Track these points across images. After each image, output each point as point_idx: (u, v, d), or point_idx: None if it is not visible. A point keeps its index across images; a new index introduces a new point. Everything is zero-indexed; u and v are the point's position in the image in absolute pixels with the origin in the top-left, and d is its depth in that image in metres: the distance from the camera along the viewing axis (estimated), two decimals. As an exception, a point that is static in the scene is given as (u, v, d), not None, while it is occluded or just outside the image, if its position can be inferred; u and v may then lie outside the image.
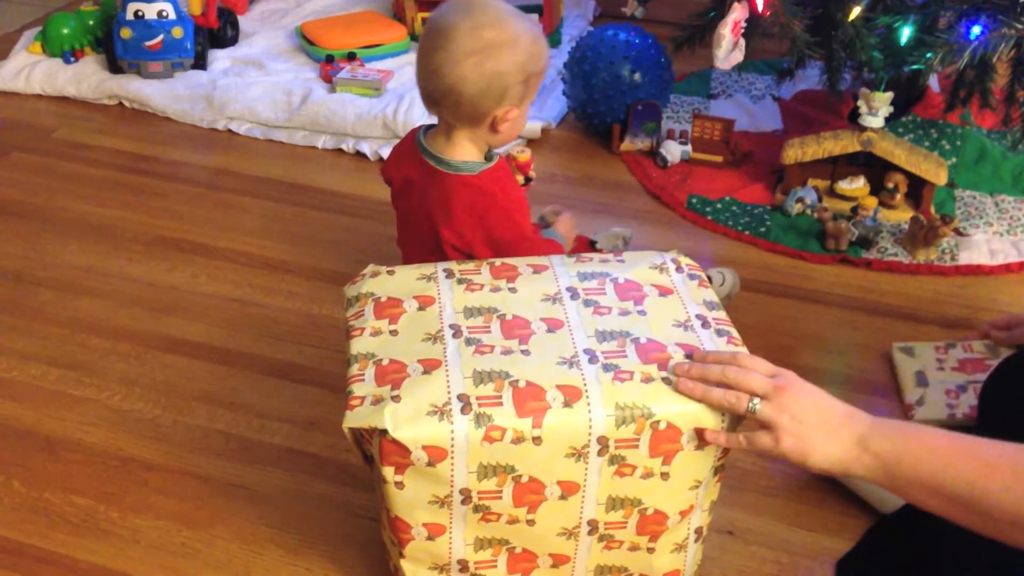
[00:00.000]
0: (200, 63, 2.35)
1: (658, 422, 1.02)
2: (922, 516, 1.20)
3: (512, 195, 1.44)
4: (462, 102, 1.35)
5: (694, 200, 1.98)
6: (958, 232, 1.88)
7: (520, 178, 1.68)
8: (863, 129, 1.88)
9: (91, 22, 2.43)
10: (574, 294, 1.15)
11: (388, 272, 1.20)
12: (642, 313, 1.13)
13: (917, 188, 1.91)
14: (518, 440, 1.00)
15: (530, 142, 2.16)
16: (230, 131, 2.23)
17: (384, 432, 0.99)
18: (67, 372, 1.56)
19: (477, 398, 1.01)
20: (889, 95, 1.85)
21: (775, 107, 2.31)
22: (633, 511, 1.08)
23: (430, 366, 1.04)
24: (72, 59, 2.38)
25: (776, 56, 2.33)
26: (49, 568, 1.25)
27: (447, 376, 1.03)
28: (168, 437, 1.45)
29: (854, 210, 1.87)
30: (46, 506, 1.33)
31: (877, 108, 1.86)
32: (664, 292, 1.17)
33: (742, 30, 1.75)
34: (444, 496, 1.04)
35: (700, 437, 1.04)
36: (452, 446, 1.00)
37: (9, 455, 1.41)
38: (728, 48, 1.74)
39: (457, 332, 1.09)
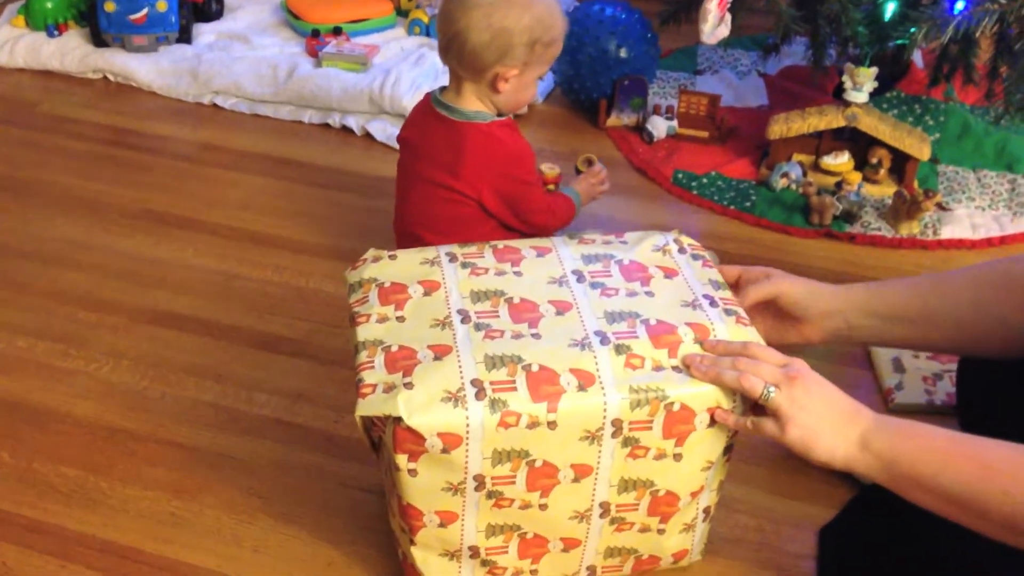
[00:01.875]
0: (185, 37, 2.34)
1: (672, 404, 1.03)
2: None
3: (519, 144, 1.53)
4: (465, 51, 1.45)
5: (680, 175, 1.99)
6: (940, 207, 1.90)
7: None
8: (848, 104, 1.89)
9: (73, -4, 2.42)
10: (580, 276, 1.15)
11: (390, 257, 1.19)
12: (649, 294, 1.13)
13: (901, 163, 1.92)
14: (533, 425, 1.01)
15: (517, 116, 2.16)
16: (215, 105, 2.23)
17: (398, 420, 0.98)
18: (55, 344, 1.56)
19: (491, 383, 1.01)
20: (873, 70, 1.86)
21: (761, 83, 2.32)
22: (645, 493, 1.09)
23: (441, 352, 1.04)
24: (55, 33, 2.36)
25: (762, 32, 2.33)
26: (39, 537, 1.26)
27: (459, 362, 1.03)
28: (156, 408, 1.45)
29: (838, 185, 1.89)
30: (35, 476, 1.34)
31: (862, 83, 1.87)
32: (669, 274, 1.17)
33: (728, 5, 1.76)
34: (458, 483, 1.04)
35: (711, 417, 1.05)
36: (467, 432, 1.00)
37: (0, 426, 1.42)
38: (714, 23, 1.75)
39: (465, 317, 1.09)
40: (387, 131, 2.09)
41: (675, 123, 2.09)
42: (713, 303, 1.13)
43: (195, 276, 1.71)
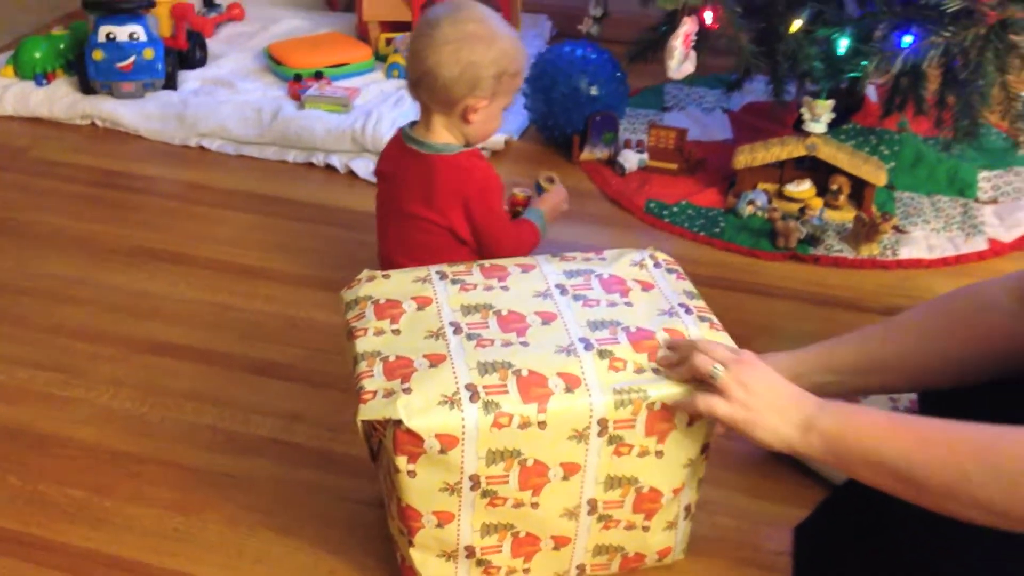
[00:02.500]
0: (171, 83, 2.42)
1: (653, 403, 1.11)
2: (871, 489, 1.31)
3: (487, 174, 1.61)
4: (437, 86, 1.54)
5: (652, 204, 2.08)
6: (898, 229, 2.00)
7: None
8: (807, 135, 2.00)
9: (62, 46, 2.49)
10: (563, 290, 1.23)
11: (384, 276, 1.26)
12: (628, 304, 1.22)
13: (859, 189, 2.03)
14: (524, 425, 1.08)
15: (494, 154, 2.26)
16: (202, 148, 2.30)
17: (398, 423, 1.05)
18: (54, 375, 1.61)
19: (484, 387, 1.08)
20: (830, 103, 1.97)
21: (725, 118, 2.43)
22: (630, 489, 1.17)
23: (436, 360, 1.11)
24: (44, 81, 2.43)
25: (724, 71, 2.45)
26: (47, 554, 1.30)
27: (453, 368, 1.10)
28: (156, 432, 1.51)
29: (802, 211, 1.99)
30: (42, 498, 1.39)
31: (819, 115, 1.98)
32: (646, 287, 1.26)
33: (692, 42, 1.87)
34: (454, 483, 1.10)
35: (689, 416, 1.13)
36: (463, 433, 1.07)
37: (4, 452, 1.46)
38: (680, 59, 1.86)
39: (457, 329, 1.16)
40: (369, 168, 2.17)
41: (646, 156, 2.19)
42: (688, 311, 1.21)
43: (189, 308, 1.78)
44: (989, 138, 2.26)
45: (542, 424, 1.09)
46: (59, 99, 2.40)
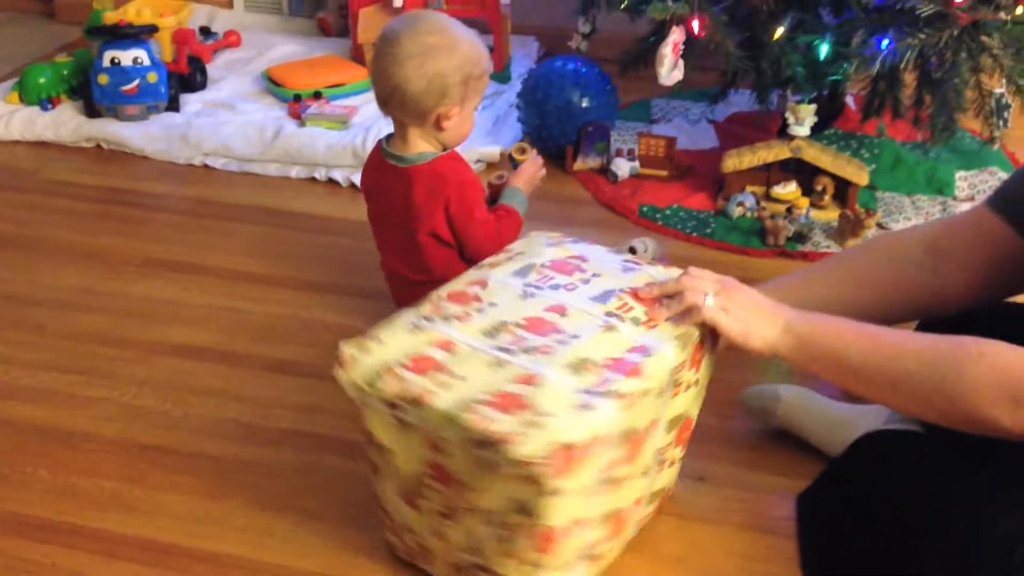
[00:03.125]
0: (173, 106, 2.49)
1: (699, 337, 1.22)
2: (867, 458, 1.39)
3: (463, 176, 1.65)
4: (407, 100, 1.58)
5: (645, 208, 2.16)
6: (880, 226, 2.09)
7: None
8: (792, 138, 2.09)
9: (66, 72, 2.56)
10: (536, 286, 1.27)
11: (375, 343, 1.19)
12: (596, 275, 1.30)
13: (843, 189, 2.12)
14: (642, 395, 1.13)
15: (489, 165, 2.34)
16: (206, 166, 2.37)
17: (561, 445, 1.05)
18: (77, 377, 1.67)
19: (589, 384, 1.11)
20: (813, 107, 2.07)
21: (710, 129, 2.52)
22: (678, 424, 1.26)
23: (529, 379, 1.11)
24: (49, 107, 2.50)
25: (708, 86, 2.54)
26: (83, 539, 1.36)
27: (549, 381, 1.11)
28: (181, 427, 1.56)
29: (788, 211, 2.08)
30: (73, 489, 1.44)
31: (803, 119, 2.07)
32: (583, 258, 1.34)
33: (681, 51, 1.96)
34: (594, 482, 1.12)
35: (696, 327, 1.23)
36: (601, 431, 1.09)
37: (32, 449, 1.51)
38: (670, 66, 1.95)
39: (507, 350, 1.16)
40: (371, 182, 2.25)
41: (637, 164, 2.28)
42: (636, 263, 1.34)
43: (205, 313, 1.84)
44: (964, 141, 2.37)
45: (647, 392, 1.15)
46: (64, 123, 2.46)
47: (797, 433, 1.52)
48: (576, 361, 1.14)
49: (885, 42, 1.87)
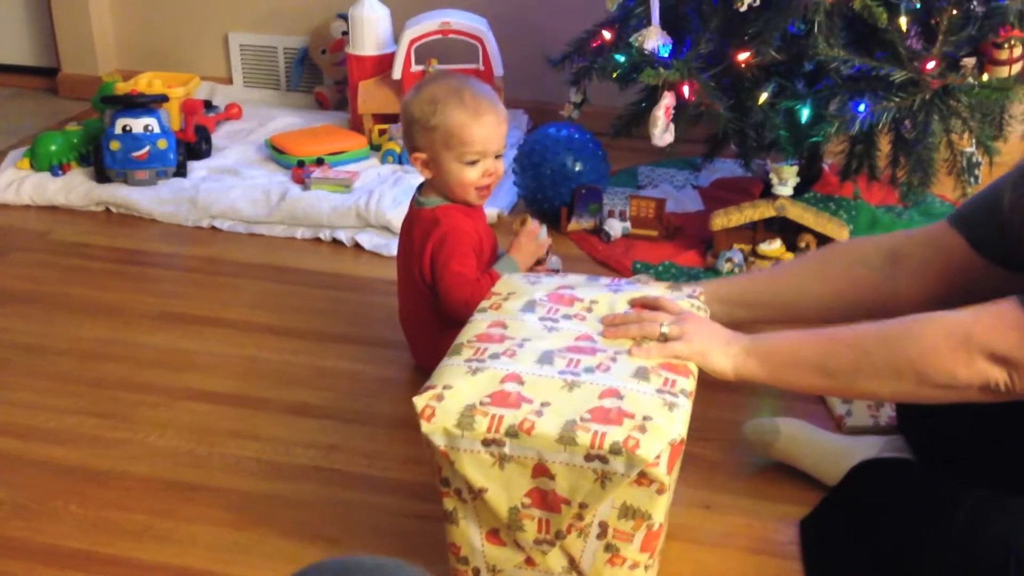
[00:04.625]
0: (181, 172, 2.58)
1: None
2: (864, 484, 1.48)
3: (451, 227, 1.73)
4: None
5: (638, 265, 2.27)
6: (862, 280, 2.21)
7: None
8: (776, 198, 2.22)
9: (76, 140, 2.65)
10: (551, 319, 1.36)
11: (447, 390, 1.22)
12: (594, 302, 1.40)
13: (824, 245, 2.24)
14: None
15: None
16: (214, 228, 2.45)
17: (670, 442, 1.15)
18: (102, 420, 1.72)
19: (662, 387, 1.22)
20: (795, 168, 2.20)
21: (695, 193, 2.65)
22: None
23: (611, 393, 1.20)
24: (59, 172, 2.59)
25: (693, 154, 2.68)
26: (119, 569, 1.40)
27: (630, 389, 1.21)
28: (205, 464, 1.62)
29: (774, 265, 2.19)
30: (106, 522, 1.49)
31: (786, 179, 2.20)
32: (569, 287, 1.45)
33: (672, 114, 2.09)
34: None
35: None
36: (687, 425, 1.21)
37: (61, 486, 1.56)
38: (663, 128, 2.08)
39: (571, 373, 1.23)
40: (373, 241, 2.35)
41: (628, 224, 2.39)
42: (617, 284, 1.48)
43: (222, 361, 1.90)
44: (935, 205, 2.51)
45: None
46: (75, 187, 2.55)
47: (796, 464, 1.60)
48: (636, 370, 1.24)
49: (862, 107, 2.01)
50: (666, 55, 2.10)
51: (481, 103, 1.70)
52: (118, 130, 2.51)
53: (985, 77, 1.97)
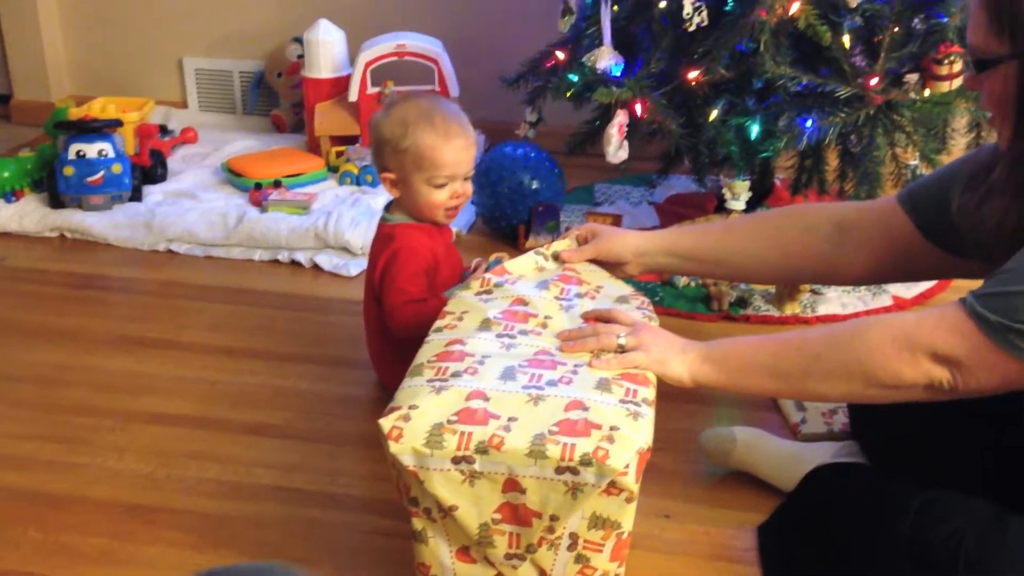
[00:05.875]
0: (136, 196, 2.57)
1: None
2: (818, 490, 1.51)
3: (402, 245, 1.74)
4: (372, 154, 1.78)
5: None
6: (814, 291, 2.25)
7: None
8: (729, 212, 2.26)
9: (29, 166, 2.63)
10: (508, 336, 1.37)
11: (412, 411, 1.22)
12: (548, 318, 1.42)
13: (778, 259, 2.28)
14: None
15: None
16: (171, 251, 2.44)
17: (638, 451, 1.18)
18: (59, 445, 1.71)
19: (625, 397, 1.25)
20: (748, 183, 2.24)
21: (651, 209, 2.69)
22: None
23: (576, 405, 1.22)
24: (12, 199, 2.57)
25: (648, 171, 2.72)
26: (78, 593, 1.39)
27: (594, 401, 1.22)
28: (165, 487, 1.61)
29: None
30: (65, 547, 1.48)
31: (739, 193, 2.24)
32: (522, 301, 1.45)
33: (625, 132, 2.13)
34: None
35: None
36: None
37: (20, 512, 1.55)
38: (616, 146, 2.11)
39: (535, 387, 1.25)
40: (332, 262, 2.35)
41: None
42: (567, 298, 1.49)
43: (180, 384, 1.90)
44: (883, 218, 2.57)
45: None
46: (29, 214, 2.53)
47: (753, 472, 1.63)
48: (598, 382, 1.26)
49: (809, 122, 2.06)
50: (618, 74, 2.13)
51: (451, 126, 1.71)
52: (72, 155, 2.50)
53: (927, 92, 2.02)
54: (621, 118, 2.10)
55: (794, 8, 1.97)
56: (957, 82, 2.01)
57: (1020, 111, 1.21)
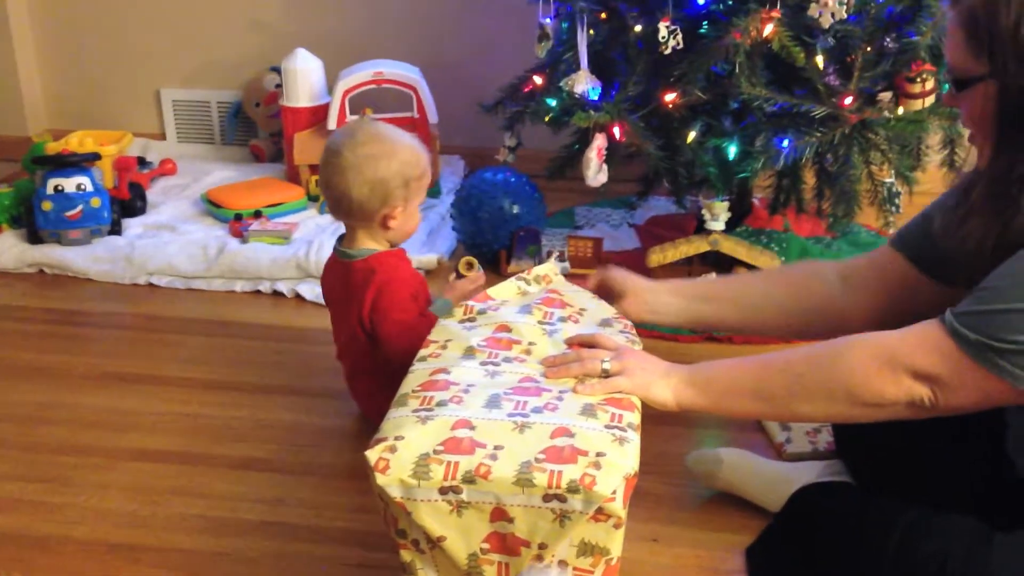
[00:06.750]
0: (116, 230, 2.57)
1: None
2: (804, 509, 1.51)
3: (394, 274, 1.74)
4: (352, 207, 1.71)
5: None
6: (796, 310, 2.27)
7: None
8: (709, 233, 2.27)
9: (7, 202, 2.62)
10: (492, 363, 1.36)
11: (399, 441, 1.21)
12: (532, 344, 1.41)
13: (758, 278, 2.29)
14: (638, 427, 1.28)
15: (428, 272, 2.46)
16: (151, 285, 2.44)
17: (625, 477, 1.16)
18: (42, 485, 1.69)
19: (610, 422, 1.23)
20: (726, 203, 2.26)
21: (631, 231, 2.70)
22: None
23: (562, 432, 1.20)
24: (-10, 235, 2.55)
25: (627, 194, 2.74)
26: (63, 635, 1.38)
27: (580, 427, 1.21)
28: (149, 524, 1.60)
29: (711, 299, 2.24)
30: (49, 588, 1.46)
31: (718, 214, 2.26)
32: (505, 328, 1.44)
33: (604, 156, 2.14)
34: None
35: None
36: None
37: (4, 554, 1.53)
38: (595, 169, 2.12)
39: (520, 415, 1.23)
40: (315, 291, 2.34)
41: (567, 264, 2.42)
42: (551, 323, 1.48)
43: (163, 420, 1.88)
44: (860, 235, 2.59)
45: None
46: (6, 250, 2.51)
47: (740, 493, 1.63)
48: (583, 408, 1.26)
49: (785, 142, 2.08)
50: (596, 98, 2.15)
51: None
52: (50, 190, 2.49)
53: (900, 110, 2.04)
54: (600, 141, 2.11)
55: (768, 30, 1.99)
56: (930, 100, 2.04)
57: (1000, 130, 1.23)
